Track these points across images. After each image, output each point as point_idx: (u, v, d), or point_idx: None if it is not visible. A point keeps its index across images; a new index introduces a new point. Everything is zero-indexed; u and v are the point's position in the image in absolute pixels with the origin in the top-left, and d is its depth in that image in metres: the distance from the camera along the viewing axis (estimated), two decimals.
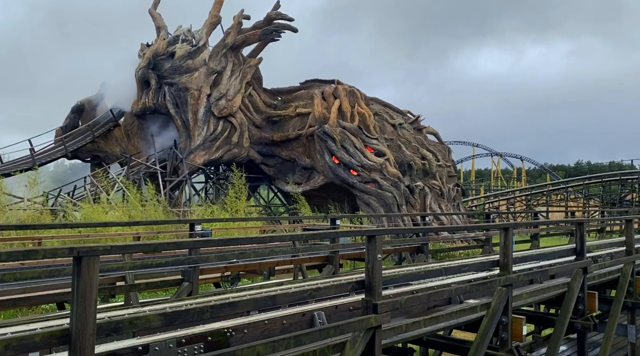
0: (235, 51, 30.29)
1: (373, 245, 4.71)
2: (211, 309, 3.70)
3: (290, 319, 5.04)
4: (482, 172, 78.54)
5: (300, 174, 30.99)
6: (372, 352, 4.65)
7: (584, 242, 8.06)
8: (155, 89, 28.86)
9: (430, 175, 33.06)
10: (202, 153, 28.42)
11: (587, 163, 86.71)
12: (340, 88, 31.44)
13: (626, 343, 10.69)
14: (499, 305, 6.09)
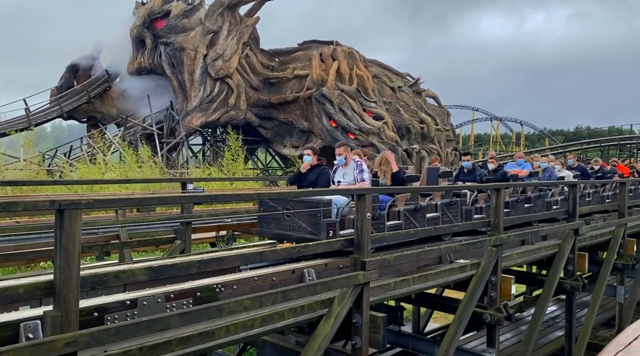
0: (231, 10, 29.63)
1: (362, 204, 4.70)
2: (198, 264, 3.71)
3: (280, 276, 5.07)
4: (481, 136, 78.25)
5: (297, 137, 30.88)
6: (360, 308, 4.71)
7: (576, 203, 8.09)
8: (150, 48, 28.39)
9: (429, 139, 32.97)
10: (199, 115, 28.21)
11: (587, 129, 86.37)
12: (339, 49, 30.94)
13: (614, 303, 10.89)
14: (488, 265, 6.15)
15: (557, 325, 11.53)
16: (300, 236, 5.64)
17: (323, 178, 6.41)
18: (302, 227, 5.71)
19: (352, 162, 6.36)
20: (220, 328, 3.72)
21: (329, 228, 5.50)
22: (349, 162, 6.41)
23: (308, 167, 6.57)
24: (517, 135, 67.54)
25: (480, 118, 65.83)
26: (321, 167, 6.52)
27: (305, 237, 5.55)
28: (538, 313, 7.68)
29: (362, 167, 6.25)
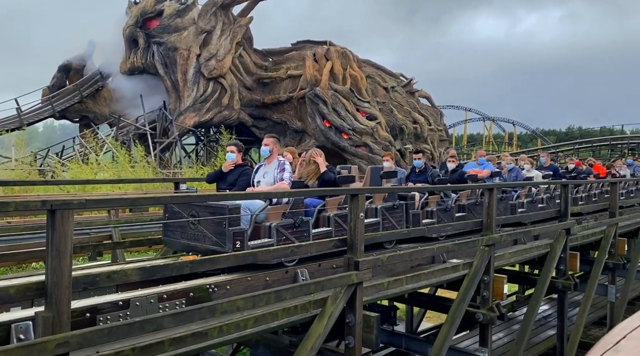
0: (225, 10, 29.57)
1: (355, 204, 4.71)
2: (190, 264, 3.70)
3: (274, 276, 5.08)
4: (474, 136, 78.53)
5: (291, 137, 30.85)
6: (354, 308, 4.72)
7: (568, 203, 8.14)
8: (143, 48, 28.28)
9: (422, 139, 33.04)
10: (192, 115, 28.12)
11: (579, 129, 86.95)
12: (333, 49, 30.95)
13: (605, 302, 10.97)
14: (481, 264, 6.18)
15: (549, 324, 11.60)
16: (205, 247, 4.92)
17: (243, 179, 5.79)
18: (207, 237, 4.93)
19: (275, 161, 5.73)
20: (213, 329, 3.71)
21: (236, 238, 4.79)
22: (273, 159, 5.77)
23: (231, 166, 5.95)
24: (509, 135, 67.86)
25: (473, 119, 66.09)
26: (244, 167, 5.94)
27: (210, 248, 4.86)
28: (530, 313, 7.72)
29: (284, 166, 5.66)
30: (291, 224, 5.24)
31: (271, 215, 5.15)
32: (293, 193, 5.45)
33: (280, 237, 5.11)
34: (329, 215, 5.72)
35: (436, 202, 7.31)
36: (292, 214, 5.27)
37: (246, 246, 4.80)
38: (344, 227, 5.58)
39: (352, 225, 4.72)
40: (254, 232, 5.07)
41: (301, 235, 5.30)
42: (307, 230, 5.38)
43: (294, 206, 5.31)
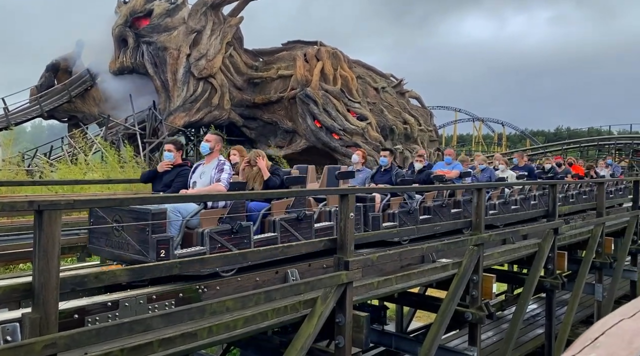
0: (215, 10, 29.46)
1: (345, 204, 4.73)
2: (180, 264, 3.69)
3: (264, 276, 5.08)
4: (463, 136, 78.98)
5: (282, 137, 30.82)
6: (344, 308, 4.73)
7: (556, 203, 8.22)
8: (133, 47, 28.08)
9: (412, 140, 33.14)
10: (182, 115, 27.99)
11: (567, 129, 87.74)
12: (323, 50, 30.95)
13: (593, 301, 11.09)
14: (470, 264, 6.23)
15: (537, 323, 11.70)
16: (129, 256, 4.46)
17: (179, 181, 5.37)
18: (131, 245, 4.45)
19: (215, 160, 5.32)
20: (202, 329, 3.71)
21: (160, 246, 4.31)
22: (213, 158, 5.37)
23: (169, 166, 5.53)
24: (499, 135, 68.30)
25: (463, 119, 66.47)
26: (183, 167, 5.50)
27: (133, 257, 4.40)
28: (519, 312, 7.78)
29: (223, 167, 5.25)
30: (228, 230, 4.78)
31: (205, 220, 4.70)
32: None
33: (215, 245, 4.64)
34: (275, 219, 5.27)
35: (399, 203, 6.90)
36: (231, 219, 4.82)
37: (172, 255, 4.31)
38: (291, 231, 5.32)
39: (342, 225, 4.74)
40: (185, 239, 4.60)
41: (240, 242, 4.84)
42: (247, 237, 4.92)
43: (233, 210, 4.87)
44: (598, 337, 0.57)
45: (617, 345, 0.54)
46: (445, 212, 7.57)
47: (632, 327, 0.58)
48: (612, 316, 0.65)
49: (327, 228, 5.87)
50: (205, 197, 4.63)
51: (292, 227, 5.40)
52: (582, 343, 0.57)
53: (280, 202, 5.43)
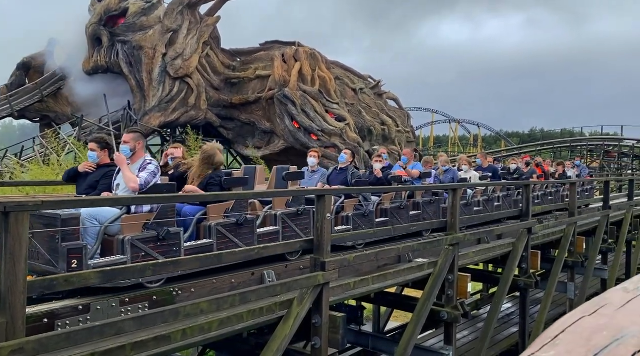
0: (191, 9, 29.18)
1: (322, 205, 4.72)
2: (153, 267, 3.63)
3: (240, 278, 5.04)
4: (440, 138, 79.88)
5: (260, 138, 30.69)
6: (320, 308, 4.73)
7: (530, 203, 8.35)
8: (107, 46, 27.62)
9: (390, 141, 33.36)
10: (158, 115, 27.64)
11: (541, 131, 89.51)
12: (301, 50, 30.95)
13: (565, 299, 11.31)
14: (445, 264, 6.28)
15: (512, 322, 11.88)
16: (39, 267, 4.00)
17: (105, 183, 4.93)
18: (41, 254, 4.02)
19: (141, 160, 4.88)
20: (176, 332, 3.66)
21: (72, 255, 3.88)
22: (138, 158, 4.89)
23: (90, 168, 5.13)
24: (474, 137, 69.25)
25: (440, 121, 67.20)
26: (109, 168, 5.04)
27: (43, 267, 3.97)
28: (493, 311, 7.89)
29: (146, 166, 4.79)
30: (154, 237, 4.37)
31: (127, 226, 4.32)
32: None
33: (137, 253, 4.26)
34: (211, 224, 4.86)
35: (354, 206, 6.56)
36: (158, 225, 4.43)
37: (86, 265, 3.91)
38: (230, 238, 4.96)
39: (319, 226, 4.73)
40: (105, 247, 4.24)
41: (169, 250, 4.44)
42: (177, 244, 4.51)
43: (161, 215, 4.48)
44: (558, 335, 0.57)
45: (576, 343, 0.54)
46: (404, 214, 7.28)
47: (592, 324, 0.58)
48: (573, 314, 0.65)
49: (272, 233, 5.45)
50: (133, 200, 4.29)
51: (231, 232, 4.98)
52: (542, 341, 0.57)
53: (217, 205, 5.00)
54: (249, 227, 5.17)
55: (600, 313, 0.63)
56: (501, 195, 9.81)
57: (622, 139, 45.51)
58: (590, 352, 0.52)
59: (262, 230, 5.36)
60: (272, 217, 5.58)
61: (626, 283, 0.80)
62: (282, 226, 5.53)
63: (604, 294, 0.73)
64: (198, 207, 4.98)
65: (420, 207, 7.63)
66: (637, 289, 0.73)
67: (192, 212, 4.91)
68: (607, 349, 0.53)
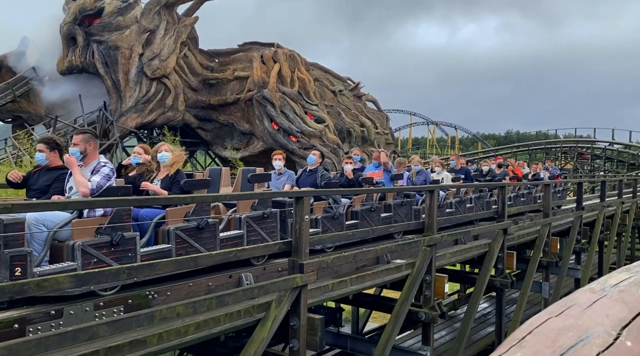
0: (169, 9, 28.89)
1: (300, 207, 4.71)
2: (128, 271, 3.57)
3: (217, 281, 4.99)
4: (418, 140, 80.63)
5: (238, 139, 30.53)
6: (298, 311, 4.71)
7: (505, 204, 8.48)
8: (82, 46, 27.15)
9: (369, 142, 33.54)
10: (135, 116, 27.27)
11: (516, 133, 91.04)
12: (280, 52, 30.90)
13: (540, 299, 11.50)
14: (423, 264, 6.33)
15: (488, 321, 12.04)
16: None
17: (57, 186, 4.65)
18: None
19: (94, 162, 4.66)
20: (152, 336, 3.61)
21: (15, 263, 3.63)
22: (91, 160, 4.67)
23: (17, 178, 4.84)
24: (452, 139, 70.05)
25: (418, 123, 67.80)
26: (62, 170, 4.73)
27: None
28: (470, 311, 7.98)
29: (100, 168, 4.57)
30: (107, 242, 4.16)
31: (78, 231, 4.10)
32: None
33: (89, 260, 4.04)
34: (169, 229, 4.66)
35: (323, 208, 6.38)
36: (113, 229, 4.24)
37: (30, 273, 3.68)
38: (190, 242, 4.75)
39: (297, 227, 4.71)
40: (55, 253, 4.00)
41: (123, 256, 4.23)
42: (132, 250, 4.29)
43: (115, 219, 4.27)
44: (525, 336, 0.58)
45: (543, 343, 0.55)
46: (374, 217, 7.13)
47: (558, 325, 0.59)
48: (540, 315, 0.66)
49: (236, 237, 5.20)
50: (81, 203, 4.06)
51: (192, 237, 4.78)
52: (509, 343, 0.58)
53: (177, 208, 4.81)
54: (211, 231, 4.96)
55: (567, 314, 0.64)
56: (473, 196, 9.86)
57: (594, 141, 46.56)
58: (556, 353, 0.53)
59: (225, 234, 5.15)
60: (237, 220, 5.36)
61: (593, 283, 0.82)
62: (246, 230, 5.33)
63: (572, 295, 0.74)
64: (156, 210, 4.78)
65: (391, 209, 7.55)
66: (603, 290, 0.74)
67: (150, 216, 4.69)
68: (572, 349, 0.54)
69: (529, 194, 12.35)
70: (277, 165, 6.98)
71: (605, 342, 0.55)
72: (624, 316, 0.63)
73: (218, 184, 6.25)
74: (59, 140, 5.03)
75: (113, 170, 4.71)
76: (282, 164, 6.98)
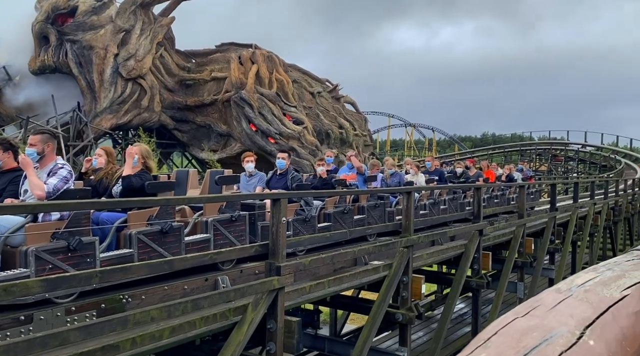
0: (145, 9, 28.56)
1: (278, 208, 4.69)
2: (100, 274, 3.50)
3: (192, 284, 4.94)
4: (396, 141, 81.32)
5: (216, 141, 30.32)
6: (275, 313, 4.69)
7: (481, 206, 8.58)
8: (55, 46, 26.65)
9: (347, 144, 33.65)
10: (110, 117, 26.86)
11: (492, 135, 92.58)
12: (258, 53, 30.81)
13: (515, 299, 11.67)
14: (400, 265, 6.37)
15: (465, 322, 12.17)
16: None
17: (10, 190, 4.44)
18: None
19: (51, 163, 4.47)
20: (125, 341, 3.54)
21: None
22: (48, 162, 4.48)
23: None
24: (429, 141, 70.79)
25: (396, 125, 68.34)
26: (17, 173, 4.49)
27: None
28: (447, 311, 8.05)
29: (57, 171, 4.39)
30: (63, 248, 3.96)
31: (32, 236, 3.89)
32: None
33: (43, 266, 3.83)
34: (131, 233, 4.46)
35: (295, 211, 6.27)
36: (70, 234, 4.04)
37: None
38: (153, 247, 4.56)
39: (274, 230, 4.69)
40: (5, 259, 3.79)
41: (81, 262, 4.04)
42: (91, 255, 4.10)
43: (73, 223, 4.09)
44: (490, 337, 0.58)
45: (507, 344, 0.55)
46: (347, 219, 7.03)
47: (523, 326, 0.59)
48: (507, 316, 0.66)
49: (202, 241, 5.04)
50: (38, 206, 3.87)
51: (155, 241, 4.58)
52: (475, 344, 0.58)
53: (139, 212, 4.58)
54: (175, 235, 4.77)
55: (532, 314, 0.64)
56: (447, 198, 9.83)
57: (568, 143, 47.57)
58: (519, 353, 0.53)
59: (190, 238, 4.97)
60: (203, 223, 5.17)
61: (560, 283, 0.83)
62: (213, 233, 5.14)
63: (538, 295, 0.74)
64: (118, 213, 4.58)
65: (365, 211, 7.48)
66: (569, 289, 0.75)
67: (112, 219, 4.49)
68: (535, 350, 0.54)
69: (502, 195, 12.52)
70: (248, 167, 6.82)
71: (569, 342, 0.56)
72: (587, 315, 0.64)
73: (185, 186, 6.11)
74: (13, 141, 4.81)
75: (71, 173, 4.52)
76: (254, 166, 6.87)
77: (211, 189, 6.10)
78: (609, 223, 17.20)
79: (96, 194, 5.04)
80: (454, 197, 10.11)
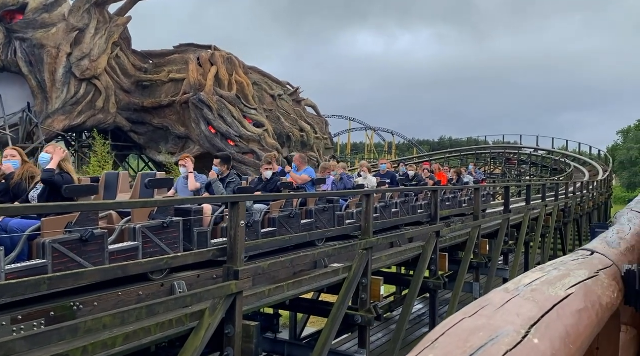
0: (100, 8, 27.77)
1: (236, 212, 4.63)
2: (49, 281, 3.36)
3: (148, 290, 4.80)
4: (357, 145, 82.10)
5: (174, 143, 29.77)
6: (233, 318, 4.62)
7: (438, 208, 8.75)
8: (3, 43, 25.53)
9: (308, 147, 33.70)
10: (62, 118, 25.94)
11: (449, 139, 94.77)
12: (218, 54, 30.46)
13: (472, 299, 11.93)
14: (359, 268, 6.40)
15: (423, 322, 12.37)
16: None
17: None
18: None
19: None
20: (75, 350, 3.41)
21: None
22: None
23: None
24: (389, 144, 71.78)
25: (356, 128, 69.00)
26: None
27: None
28: (405, 312, 8.15)
29: None
30: None
31: None
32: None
33: None
34: (45, 241, 4.05)
35: None
36: None
37: None
38: (71, 257, 4.17)
39: (232, 233, 4.63)
40: None
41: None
42: None
43: None
44: (438, 338, 0.58)
45: (454, 345, 0.55)
46: (294, 223, 6.76)
47: (471, 326, 0.60)
48: (455, 316, 0.67)
49: (129, 250, 4.68)
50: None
51: (74, 250, 4.19)
52: (423, 345, 0.57)
53: (55, 218, 4.18)
54: (98, 244, 4.37)
55: (480, 314, 0.64)
56: (399, 201, 9.78)
57: (521, 148, 49.19)
58: (466, 353, 0.53)
59: (115, 247, 4.60)
60: (131, 230, 4.80)
61: (509, 283, 0.84)
62: (142, 241, 4.78)
63: (487, 295, 0.75)
64: (30, 220, 4.17)
65: (313, 215, 7.23)
66: (517, 289, 0.76)
67: (23, 227, 4.08)
68: (481, 349, 0.54)
69: (454, 198, 12.78)
70: (183, 172, 6.50)
71: (514, 341, 0.56)
72: (533, 314, 0.65)
73: (115, 190, 5.77)
74: None
75: None
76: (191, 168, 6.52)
77: (142, 193, 5.72)
78: (559, 224, 17.86)
79: (9, 199, 4.66)
80: (405, 200, 10.12)
